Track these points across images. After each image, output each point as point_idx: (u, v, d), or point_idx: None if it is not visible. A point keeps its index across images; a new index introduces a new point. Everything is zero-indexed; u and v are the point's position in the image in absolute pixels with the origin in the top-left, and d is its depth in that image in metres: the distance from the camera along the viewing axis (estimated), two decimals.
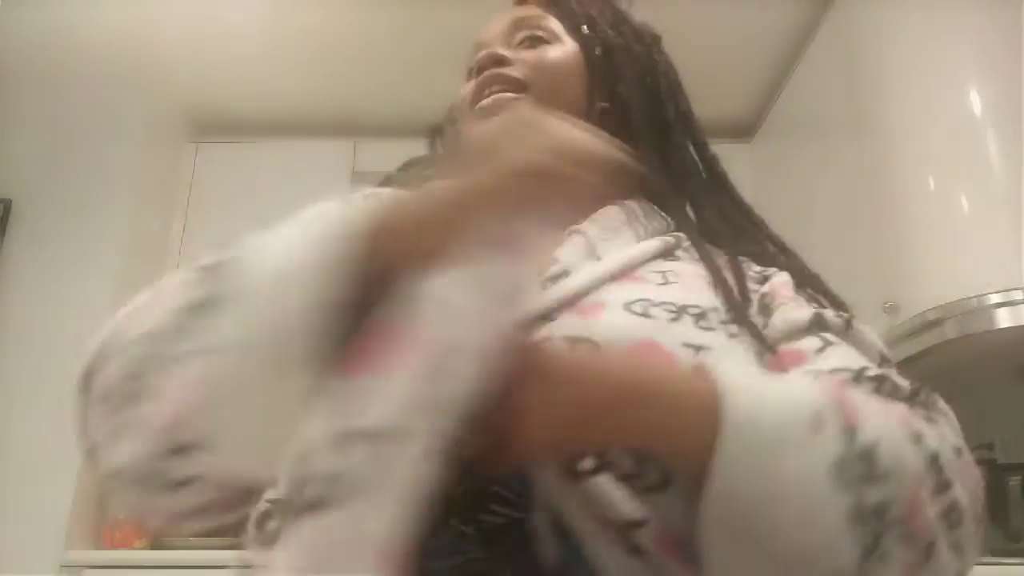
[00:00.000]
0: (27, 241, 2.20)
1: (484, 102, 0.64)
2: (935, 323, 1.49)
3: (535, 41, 0.68)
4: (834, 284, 0.60)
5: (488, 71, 0.65)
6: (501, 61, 0.65)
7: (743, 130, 2.57)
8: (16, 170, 2.27)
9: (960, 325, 1.45)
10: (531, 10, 0.71)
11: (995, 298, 1.41)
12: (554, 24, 0.69)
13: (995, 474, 1.64)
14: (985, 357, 1.63)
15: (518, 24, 0.69)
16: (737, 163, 0.87)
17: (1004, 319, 1.40)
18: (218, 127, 2.63)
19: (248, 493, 0.45)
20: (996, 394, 1.77)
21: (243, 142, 2.58)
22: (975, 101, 1.56)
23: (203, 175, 2.54)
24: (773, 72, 2.38)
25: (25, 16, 2.12)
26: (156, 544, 2.04)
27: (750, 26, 2.21)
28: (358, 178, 2.56)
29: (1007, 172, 1.48)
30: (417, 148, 2.81)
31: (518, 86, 0.64)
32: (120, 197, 2.26)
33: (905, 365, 1.63)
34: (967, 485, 0.43)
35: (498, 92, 0.64)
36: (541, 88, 0.64)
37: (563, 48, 0.68)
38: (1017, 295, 1.39)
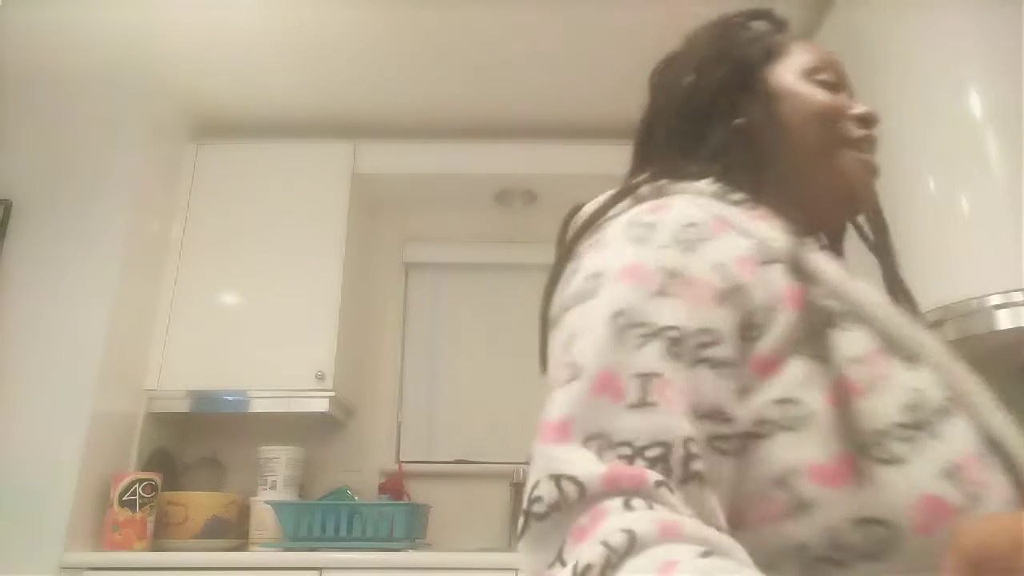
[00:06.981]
0: (27, 241, 2.20)
1: (875, 162, 0.70)
2: (935, 324, 1.49)
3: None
4: None
5: (873, 132, 0.70)
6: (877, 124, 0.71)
7: None
8: (16, 170, 2.27)
9: (960, 326, 1.45)
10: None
11: (995, 299, 1.41)
12: None
13: None
14: (985, 358, 1.63)
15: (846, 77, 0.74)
16: None
17: (1004, 320, 1.40)
18: (218, 128, 2.64)
19: None
20: (996, 395, 1.77)
21: (243, 142, 2.59)
22: (975, 101, 1.56)
23: (203, 175, 2.54)
24: None
25: (26, 16, 2.13)
26: (156, 545, 2.04)
27: None
28: (358, 180, 2.57)
29: (1007, 173, 1.48)
30: (417, 149, 2.78)
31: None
32: (120, 197, 2.26)
33: None
34: None
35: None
36: None
37: None
38: (1017, 296, 1.39)
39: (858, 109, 0.69)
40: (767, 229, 0.57)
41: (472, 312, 2.75)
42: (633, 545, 0.37)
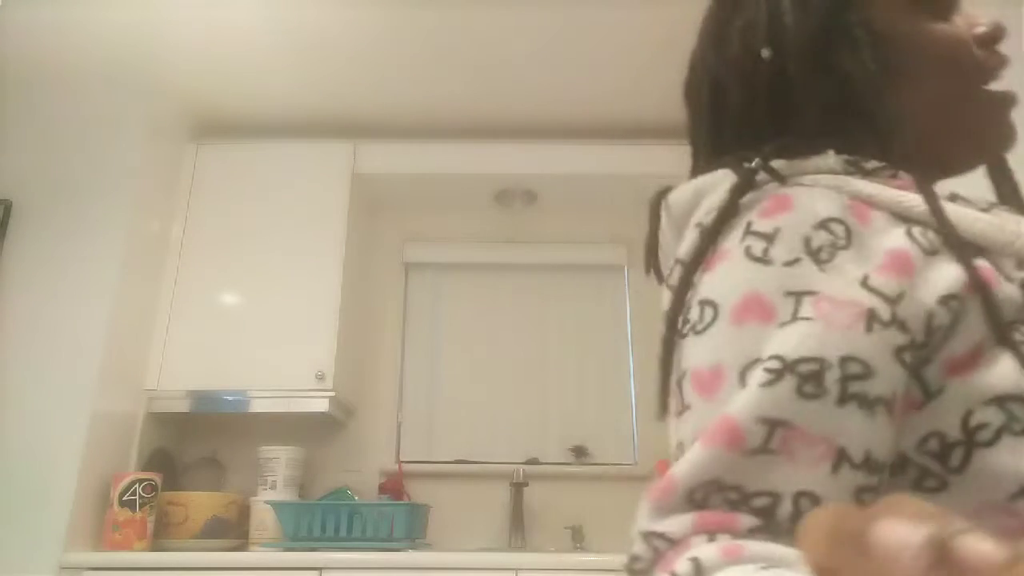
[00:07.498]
0: (27, 241, 2.20)
1: (1011, 93, 0.58)
2: None
3: None
4: None
5: (1002, 51, 0.58)
6: None
7: None
8: (16, 170, 2.28)
9: None
10: None
11: None
12: None
13: None
14: None
15: None
16: None
17: None
18: (218, 127, 2.64)
19: None
20: None
21: (243, 142, 2.59)
22: None
23: (203, 175, 2.54)
24: None
25: (26, 16, 2.13)
26: (156, 545, 2.04)
27: None
28: (358, 180, 2.57)
29: None
30: (417, 149, 2.79)
31: None
32: (120, 197, 2.26)
33: None
34: None
35: None
36: None
37: None
38: None
39: (981, 28, 0.56)
40: (922, 204, 0.47)
41: (472, 312, 2.75)
42: (699, 572, 0.36)
